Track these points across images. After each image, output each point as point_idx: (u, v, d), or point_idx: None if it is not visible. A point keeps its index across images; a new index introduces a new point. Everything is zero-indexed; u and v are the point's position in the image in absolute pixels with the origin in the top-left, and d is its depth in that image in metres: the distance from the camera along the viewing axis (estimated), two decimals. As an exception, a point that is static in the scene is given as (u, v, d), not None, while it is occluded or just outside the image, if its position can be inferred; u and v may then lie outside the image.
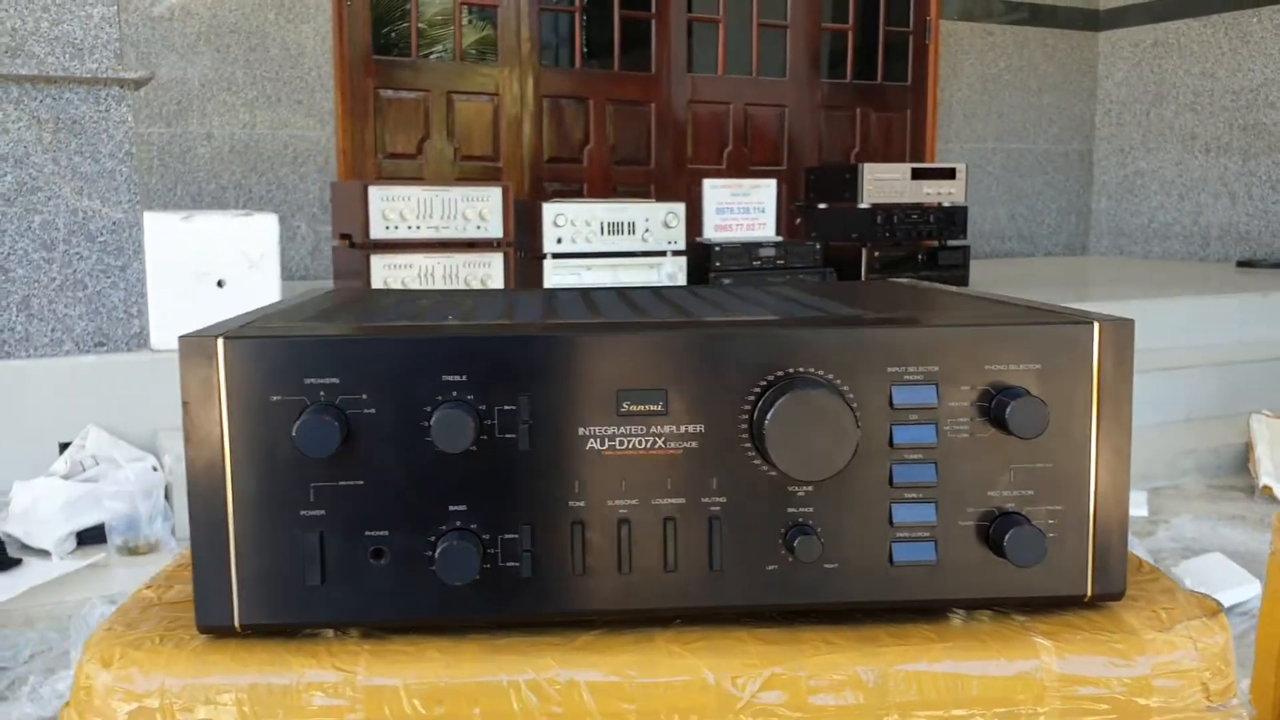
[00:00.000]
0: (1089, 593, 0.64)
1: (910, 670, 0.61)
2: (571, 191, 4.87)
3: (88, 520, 2.24)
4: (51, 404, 2.43)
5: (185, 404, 0.59)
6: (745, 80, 5.29)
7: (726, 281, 3.63)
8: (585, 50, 5.00)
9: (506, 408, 0.60)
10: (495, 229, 3.31)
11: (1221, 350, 3.62)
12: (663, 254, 3.49)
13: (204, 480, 0.60)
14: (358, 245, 3.24)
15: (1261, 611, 1.17)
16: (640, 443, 0.62)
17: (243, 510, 0.60)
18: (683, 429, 0.62)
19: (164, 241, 2.51)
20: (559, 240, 3.39)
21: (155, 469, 2.34)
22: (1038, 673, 0.61)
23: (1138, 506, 2.72)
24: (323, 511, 0.60)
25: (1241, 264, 4.96)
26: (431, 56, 5.03)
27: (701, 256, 3.65)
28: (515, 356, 0.60)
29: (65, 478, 2.31)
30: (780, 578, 0.63)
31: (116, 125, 2.46)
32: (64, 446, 2.42)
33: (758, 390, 0.61)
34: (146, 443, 2.47)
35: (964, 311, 0.70)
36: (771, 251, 3.70)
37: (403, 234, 3.22)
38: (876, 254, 3.92)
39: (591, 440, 0.61)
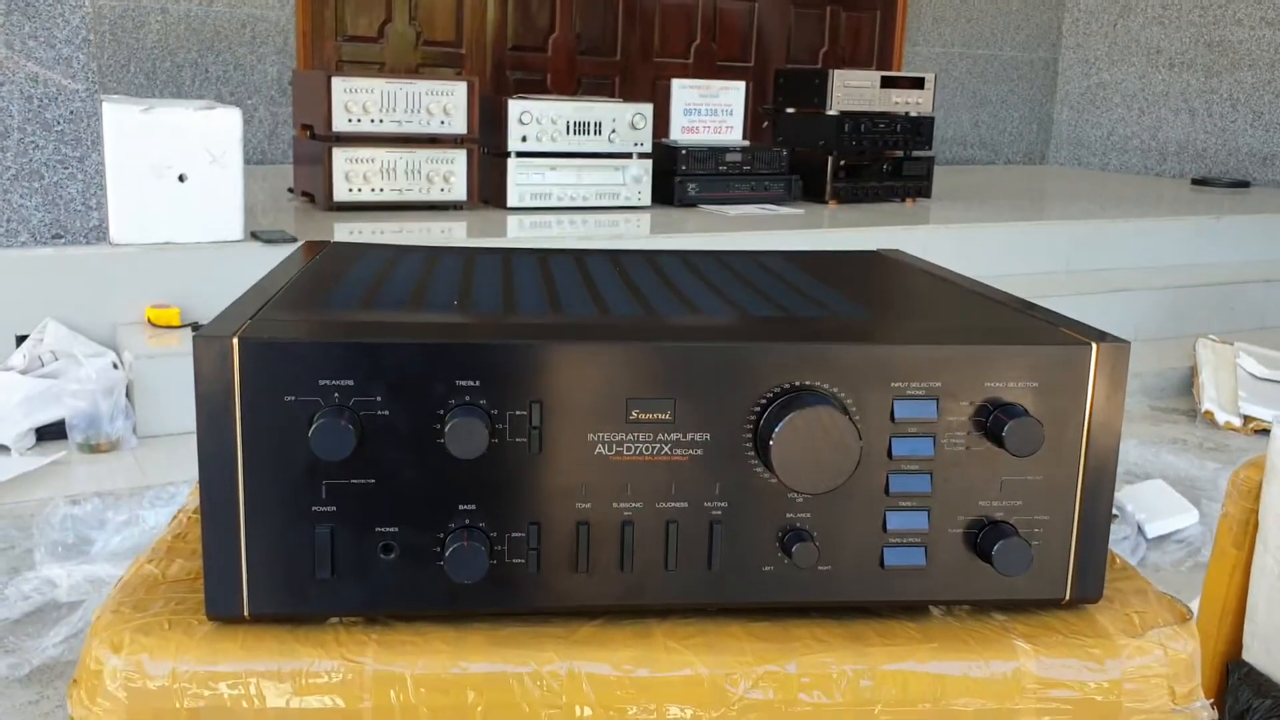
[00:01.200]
0: (1068, 597, 0.67)
1: (896, 670, 0.64)
2: (535, 81, 4.78)
3: (47, 416, 2.23)
4: (7, 296, 2.39)
5: (199, 399, 0.60)
6: (715, -28, 5.18)
7: (695, 190, 3.61)
8: (553, -67, 4.85)
9: (518, 413, 0.61)
10: (459, 125, 3.26)
11: (1171, 273, 3.68)
12: (629, 156, 3.46)
13: (216, 474, 0.60)
14: (319, 137, 3.18)
15: (1209, 571, 1.23)
16: (647, 449, 0.63)
17: (255, 504, 0.61)
18: (689, 437, 0.63)
19: (123, 133, 2.44)
20: (524, 139, 3.35)
21: (115, 366, 2.32)
22: (1016, 675, 0.65)
23: (1085, 430, 2.79)
24: (334, 508, 0.61)
25: (1196, 181, 5.01)
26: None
27: (667, 160, 3.63)
28: (528, 364, 0.61)
29: (23, 372, 2.28)
30: (775, 578, 0.65)
31: (73, 9, 2.37)
32: (20, 340, 2.39)
33: (763, 402, 0.63)
34: (105, 338, 2.45)
35: (966, 322, 0.72)
36: (738, 157, 3.68)
37: (365, 127, 3.16)
38: (842, 163, 3.91)
39: (600, 446, 0.63)
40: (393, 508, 0.62)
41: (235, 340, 0.59)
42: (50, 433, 2.26)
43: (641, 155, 3.47)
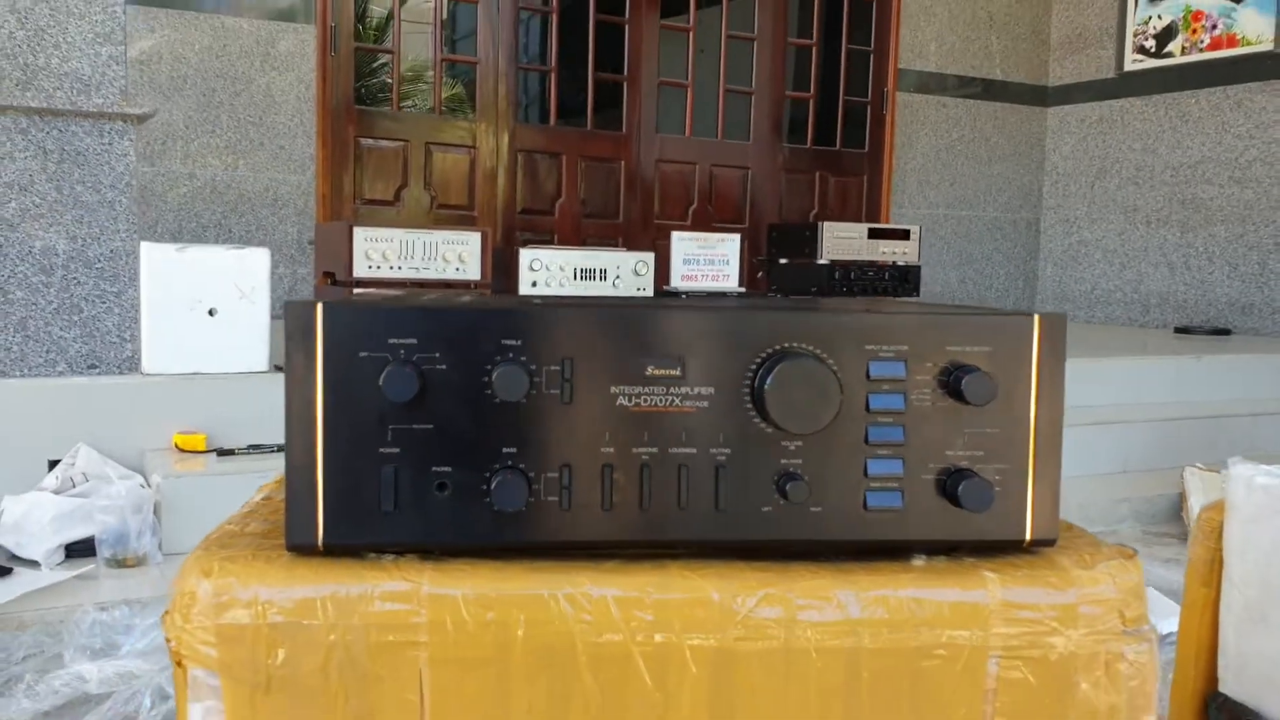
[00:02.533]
0: (1028, 538, 0.78)
1: (880, 595, 0.74)
2: (542, 241, 5.02)
3: (77, 533, 2.31)
4: (43, 422, 2.51)
5: (288, 358, 0.72)
6: (711, 142, 5.49)
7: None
8: (559, 108, 5.17)
9: (552, 368, 0.73)
10: (473, 271, 3.45)
11: (1157, 409, 3.81)
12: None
13: (300, 422, 0.72)
14: (340, 282, 3.35)
15: (1182, 614, 1.31)
16: (661, 400, 0.74)
17: (331, 447, 0.72)
18: (696, 390, 0.75)
19: (159, 270, 2.61)
20: (534, 284, 3.53)
21: (144, 486, 2.42)
22: (986, 599, 0.74)
23: (1079, 547, 2.87)
24: (398, 449, 0.72)
25: (1179, 330, 5.19)
26: (410, 110, 5.19)
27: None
28: (562, 325, 0.73)
29: (55, 493, 2.38)
30: (773, 517, 0.76)
31: (119, 158, 2.57)
32: (53, 464, 2.50)
33: (759, 360, 0.75)
34: (134, 463, 2.55)
35: (924, 307, 0.84)
36: (734, 302, 3.86)
37: (384, 273, 3.34)
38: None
39: (621, 397, 0.74)
40: (447, 450, 0.73)
41: (320, 305, 0.71)
42: (79, 550, 2.34)
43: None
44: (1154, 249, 5.57)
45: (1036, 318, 0.77)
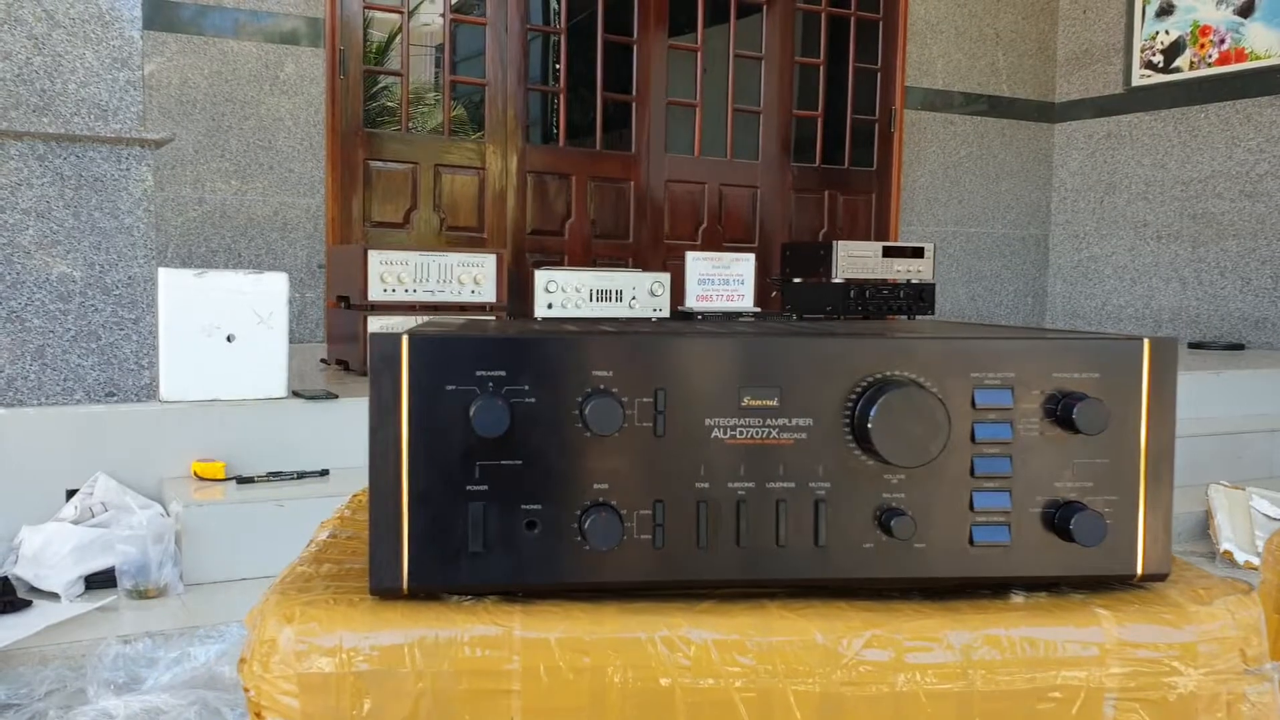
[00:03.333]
0: (1139, 573, 0.74)
1: (991, 634, 0.71)
2: (552, 261, 4.99)
3: (97, 564, 2.27)
4: (61, 451, 2.47)
5: (373, 389, 0.68)
6: (720, 162, 5.47)
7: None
8: (568, 129, 5.16)
9: (644, 400, 0.70)
10: (488, 294, 3.42)
11: (1178, 426, 3.77)
12: (647, 321, 3.61)
13: (385, 458, 0.69)
14: (355, 306, 3.32)
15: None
16: (757, 433, 0.71)
17: (417, 485, 0.69)
18: (794, 422, 0.71)
19: (176, 296, 2.58)
20: (549, 306, 3.50)
21: (164, 516, 2.38)
22: (1101, 637, 0.71)
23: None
24: (486, 486, 0.69)
25: (1192, 345, 5.17)
26: (419, 133, 5.17)
27: (674, 322, 3.77)
28: (654, 355, 0.70)
29: (74, 523, 2.34)
30: (875, 554, 0.72)
31: (136, 183, 2.54)
32: (71, 493, 2.46)
33: (859, 390, 0.71)
34: (152, 492, 2.51)
35: (1027, 331, 0.81)
36: (751, 321, 3.83)
37: (399, 296, 3.31)
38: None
39: (716, 429, 0.71)
40: (537, 487, 0.69)
41: (405, 336, 0.68)
42: (99, 581, 2.30)
43: (660, 320, 3.62)
44: (1165, 264, 5.55)
45: (1147, 341, 0.74)
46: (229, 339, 2.66)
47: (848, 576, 0.72)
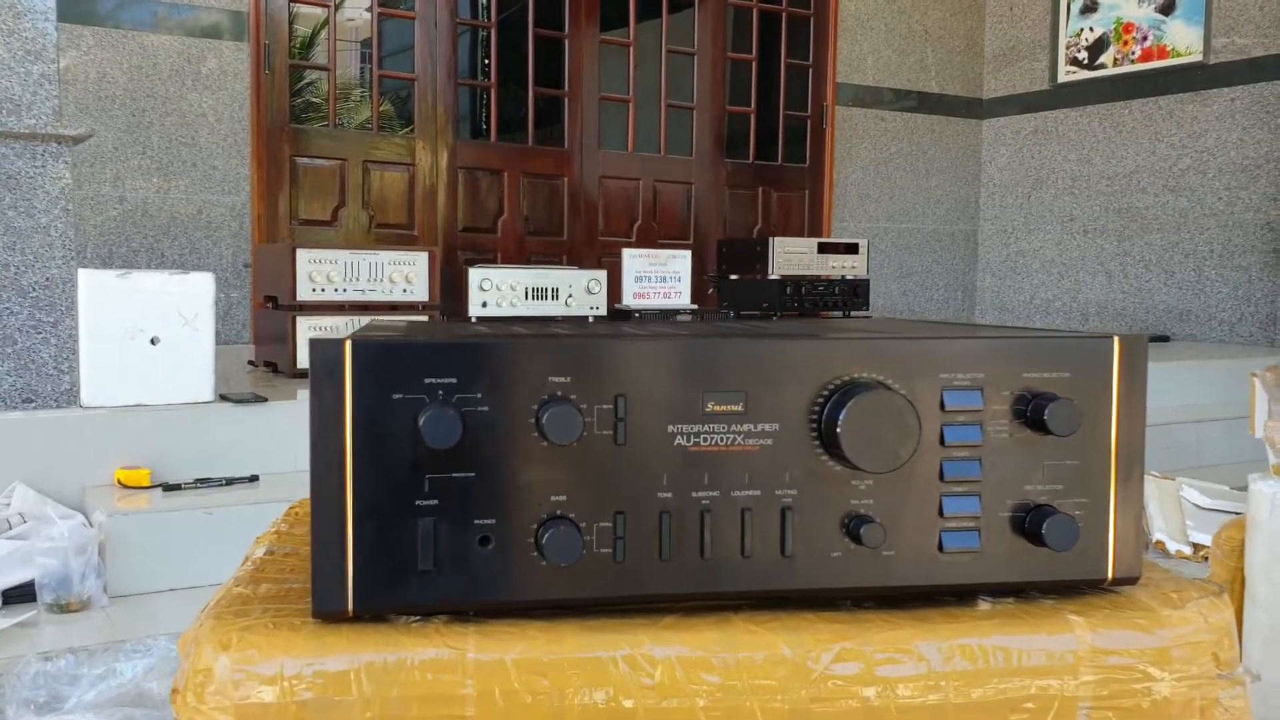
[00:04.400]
0: (1110, 577, 0.73)
1: (963, 644, 0.68)
2: (485, 259, 4.93)
3: (16, 577, 2.18)
4: (-25, 461, 2.37)
5: (314, 401, 0.64)
6: (654, 158, 5.45)
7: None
8: (500, 125, 5.09)
9: (604, 406, 0.67)
10: (421, 293, 3.35)
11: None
12: (585, 319, 3.57)
13: (327, 473, 0.64)
14: (283, 307, 3.24)
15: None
16: (722, 439, 0.68)
17: (362, 501, 0.64)
18: (759, 427, 0.68)
19: (97, 298, 2.48)
20: (484, 304, 3.44)
21: (86, 526, 2.29)
22: (1074, 644, 0.69)
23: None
24: (436, 501, 0.65)
25: (1120, 339, 5.25)
26: (346, 128, 5.07)
27: (622, 322, 3.74)
28: (614, 360, 0.67)
29: (-10, 535, 2.24)
30: (843, 563, 0.70)
31: (53, 181, 2.45)
32: (-13, 504, 2.36)
33: (826, 393, 0.69)
34: (74, 501, 2.42)
35: (1002, 330, 0.79)
36: (688, 319, 3.81)
37: (328, 296, 3.23)
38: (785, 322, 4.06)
39: (679, 437, 0.68)
40: (491, 500, 0.66)
41: (348, 343, 0.64)
42: (18, 595, 2.21)
43: (597, 318, 3.58)
44: (1091, 258, 5.64)
45: (1117, 339, 0.72)
46: (153, 342, 2.57)
47: (815, 587, 0.70)
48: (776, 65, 5.71)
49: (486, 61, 5.18)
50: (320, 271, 3.22)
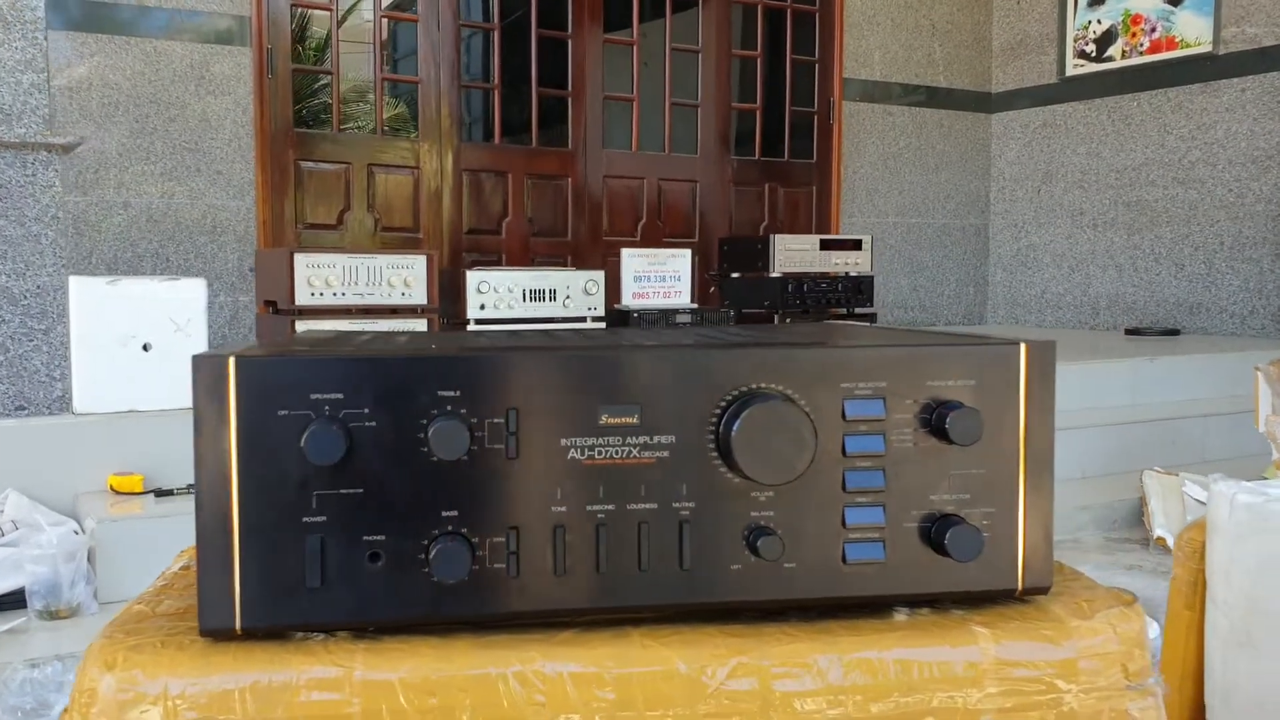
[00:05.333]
0: (1020, 587, 0.71)
1: (863, 658, 0.67)
2: (490, 261, 4.93)
3: (7, 585, 2.20)
4: (-32, 469, 2.39)
5: (197, 419, 0.64)
6: (658, 156, 5.44)
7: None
8: (504, 126, 5.10)
9: (495, 420, 0.66)
10: (419, 296, 3.36)
11: (1113, 412, 3.80)
12: (583, 320, 3.57)
13: (212, 490, 0.64)
14: (282, 311, 3.25)
15: (1165, 635, 1.26)
16: (617, 452, 0.67)
17: (248, 518, 0.64)
18: (655, 439, 0.68)
19: (89, 305, 2.50)
20: (482, 306, 3.45)
21: (77, 533, 2.31)
22: (979, 657, 0.68)
23: (1044, 559, 2.83)
24: (324, 518, 0.65)
25: (1129, 332, 5.21)
26: (350, 132, 5.10)
27: (620, 323, 3.73)
28: (504, 373, 0.66)
29: (-18, 543, 2.26)
30: (744, 576, 0.69)
31: (43, 189, 2.46)
32: (-20, 512, 2.38)
33: (723, 404, 0.68)
34: (67, 507, 2.44)
35: (907, 337, 0.78)
36: (687, 319, 3.80)
37: (327, 300, 3.25)
38: (788, 321, 4.04)
39: (573, 450, 0.67)
40: (379, 516, 0.65)
41: (232, 359, 0.64)
42: (9, 602, 2.23)
43: (595, 319, 3.58)
44: (1101, 252, 5.60)
45: (1023, 345, 0.71)
46: (145, 348, 2.59)
47: (715, 600, 0.69)
48: (782, 61, 5.69)
49: (504, 62, 5.18)
50: (319, 276, 3.24)
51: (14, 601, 2.21)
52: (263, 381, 0.64)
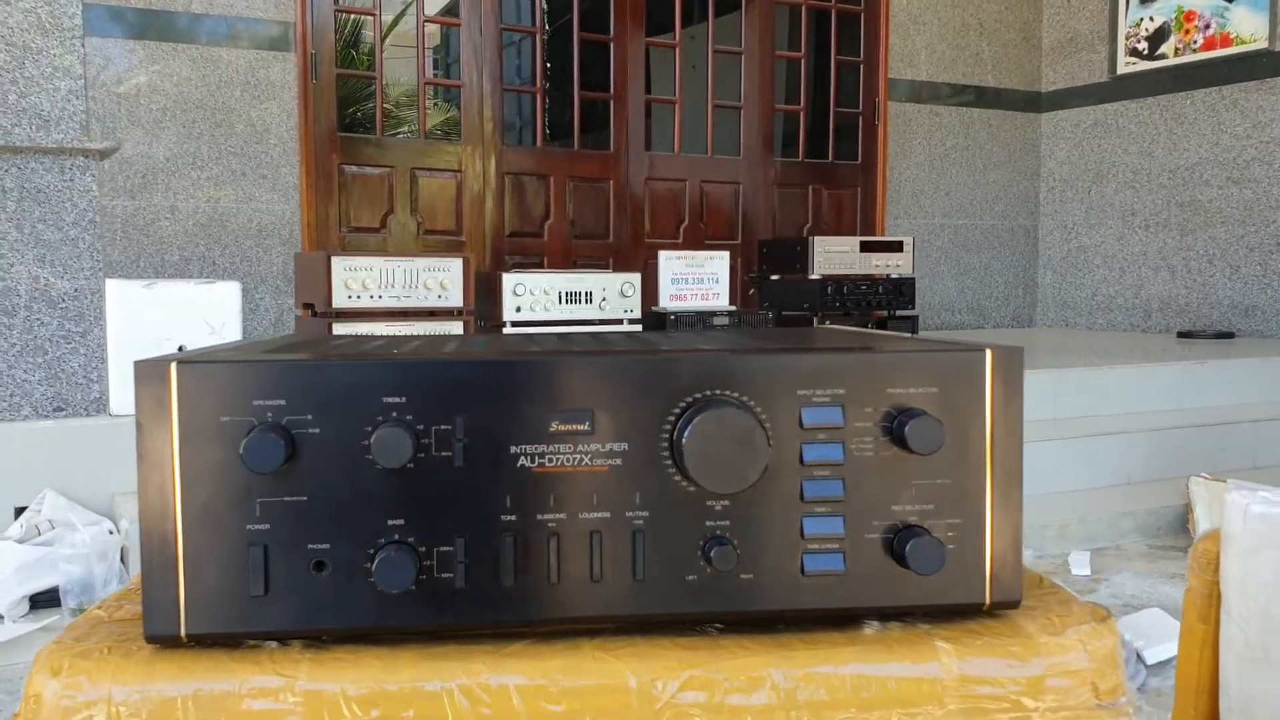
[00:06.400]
0: (988, 601, 0.69)
1: (819, 672, 0.65)
2: (532, 264, 4.95)
3: (42, 583, 2.23)
4: (8, 468, 2.44)
5: (139, 424, 0.63)
6: (701, 159, 5.42)
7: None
8: (547, 130, 5.11)
9: (443, 427, 0.65)
10: (456, 298, 3.37)
11: (1160, 416, 3.71)
12: (619, 322, 3.56)
13: (155, 496, 0.64)
14: (320, 314, 3.28)
15: (1180, 649, 1.22)
16: (568, 460, 0.66)
17: (191, 525, 0.64)
18: (608, 447, 0.66)
19: (126, 308, 2.54)
20: (518, 309, 3.45)
21: (111, 532, 2.34)
22: (940, 673, 0.66)
23: (1080, 566, 2.78)
24: (268, 525, 0.64)
25: (1182, 335, 5.09)
26: (397, 136, 5.13)
27: (657, 325, 3.72)
28: (451, 379, 0.65)
29: (20, 541, 2.30)
30: (700, 587, 0.67)
31: (80, 194, 2.50)
32: (19, 511, 2.42)
33: (677, 411, 0.66)
34: (103, 507, 2.47)
35: (869, 342, 0.76)
36: (725, 321, 3.78)
37: (365, 303, 3.27)
38: (827, 323, 4.00)
39: (522, 458, 0.66)
40: (324, 524, 0.64)
41: (173, 365, 0.63)
42: (44, 600, 2.26)
43: (631, 321, 3.57)
44: (1154, 253, 5.48)
45: (989, 351, 0.68)
46: (180, 350, 2.61)
47: (670, 612, 0.67)
48: (827, 62, 5.65)
49: (549, 65, 5.20)
50: (356, 279, 3.26)
51: (49, 600, 2.25)
52: (205, 387, 0.63)
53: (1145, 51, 5.43)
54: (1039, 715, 0.66)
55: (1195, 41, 5.19)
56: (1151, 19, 5.38)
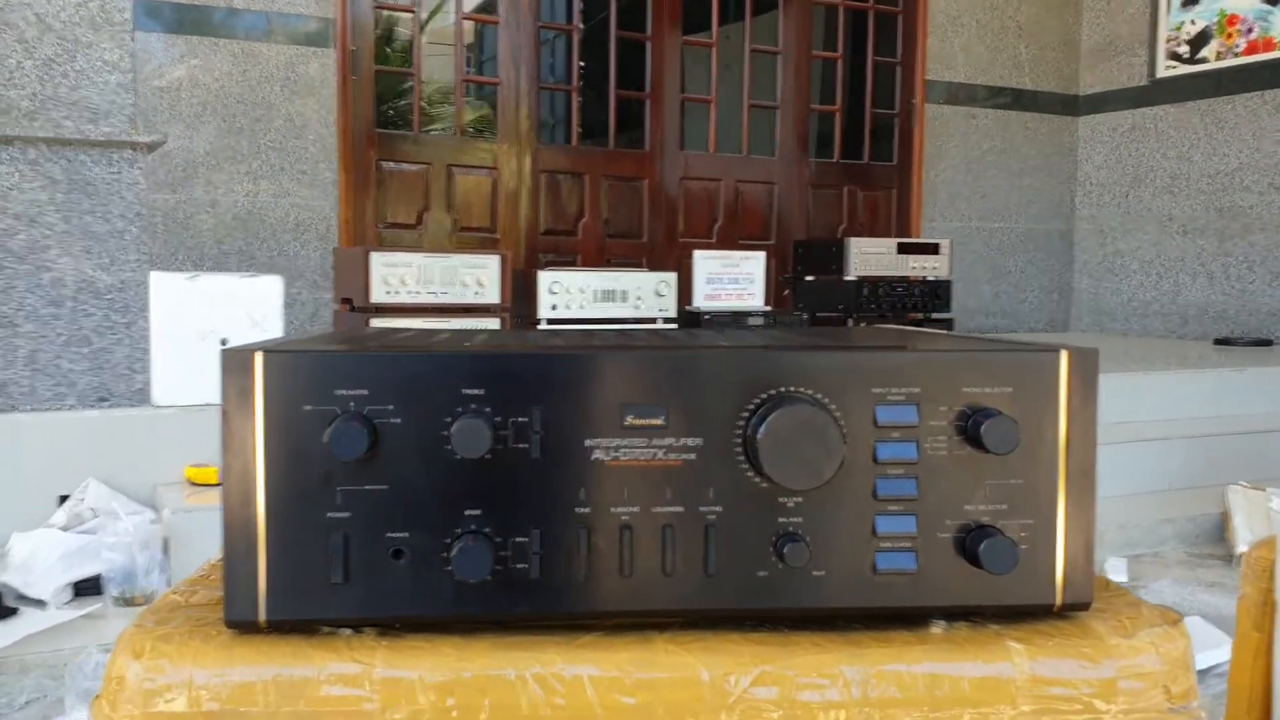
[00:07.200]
0: (1058, 602, 0.69)
1: (892, 670, 0.66)
2: (565, 262, 4.96)
3: (85, 571, 2.26)
4: (53, 457, 2.47)
5: (224, 413, 0.64)
6: (736, 158, 5.42)
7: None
8: (581, 128, 5.12)
9: (520, 419, 0.66)
10: (493, 295, 3.39)
11: (1199, 424, 3.68)
12: (654, 321, 3.56)
13: (238, 484, 0.65)
14: (358, 309, 3.30)
15: (1233, 656, 1.21)
16: (642, 454, 0.67)
17: (273, 512, 0.65)
18: (682, 441, 0.67)
19: (169, 300, 2.56)
20: (553, 307, 3.46)
21: (153, 522, 2.37)
22: (1012, 673, 0.66)
23: (1117, 572, 2.76)
24: (348, 514, 0.65)
25: (1219, 341, 5.05)
26: (431, 133, 5.16)
27: (691, 324, 3.72)
28: (529, 372, 0.66)
29: (64, 529, 2.33)
30: (771, 583, 0.67)
31: (128, 187, 2.53)
32: (63, 499, 2.45)
33: (752, 407, 0.67)
34: (145, 497, 2.50)
35: (943, 341, 0.76)
36: (759, 321, 3.78)
37: (403, 299, 3.29)
38: (862, 325, 3.99)
39: (597, 451, 0.66)
40: (403, 513, 0.65)
41: (259, 354, 0.64)
42: (87, 588, 2.29)
43: (667, 321, 3.57)
44: (1191, 259, 5.43)
45: (1065, 353, 0.68)
46: (223, 343, 2.64)
47: (741, 607, 0.68)
48: (864, 63, 5.63)
49: (582, 64, 5.21)
50: (395, 275, 3.28)
51: (91, 587, 2.28)
52: (289, 376, 0.64)
53: (1186, 55, 5.38)
54: (1111, 717, 0.66)
55: (1238, 45, 5.14)
56: (1193, 22, 5.34)
